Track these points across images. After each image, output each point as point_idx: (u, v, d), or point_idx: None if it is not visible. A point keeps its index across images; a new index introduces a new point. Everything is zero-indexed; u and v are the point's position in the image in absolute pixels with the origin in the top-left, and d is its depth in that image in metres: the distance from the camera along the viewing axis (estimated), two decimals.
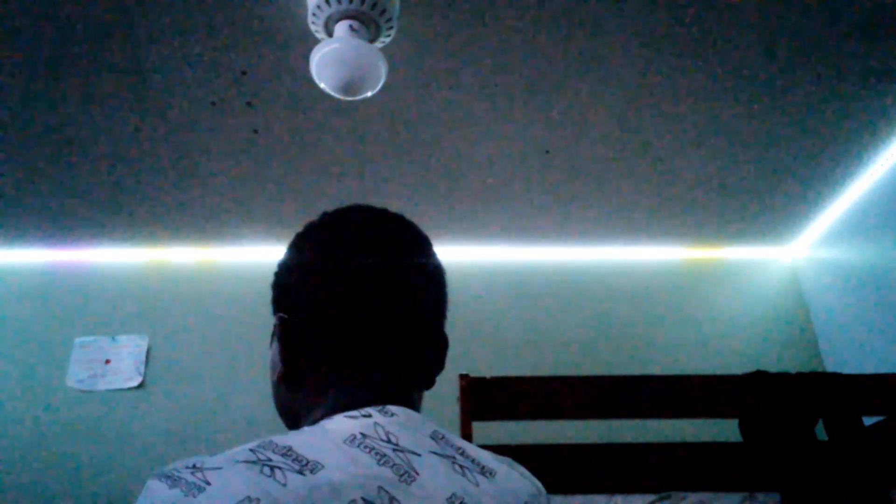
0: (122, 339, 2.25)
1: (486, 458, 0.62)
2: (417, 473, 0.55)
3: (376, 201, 2.42)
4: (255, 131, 1.76)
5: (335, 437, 0.55)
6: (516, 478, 0.62)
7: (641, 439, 1.66)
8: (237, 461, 0.52)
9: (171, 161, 1.87)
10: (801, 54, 1.53)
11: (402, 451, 0.56)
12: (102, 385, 2.16)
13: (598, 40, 1.49)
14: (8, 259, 2.37)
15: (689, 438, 1.66)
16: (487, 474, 0.60)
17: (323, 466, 0.51)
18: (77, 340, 2.24)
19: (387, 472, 0.53)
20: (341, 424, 0.57)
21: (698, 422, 1.92)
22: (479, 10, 1.40)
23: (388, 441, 0.56)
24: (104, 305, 2.32)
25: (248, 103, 1.66)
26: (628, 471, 1.41)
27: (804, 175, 1.99)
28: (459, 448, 0.61)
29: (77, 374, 2.18)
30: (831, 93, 1.66)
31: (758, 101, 1.69)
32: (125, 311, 2.31)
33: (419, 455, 0.56)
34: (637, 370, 2.17)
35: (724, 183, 2.03)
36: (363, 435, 0.55)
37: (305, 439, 0.55)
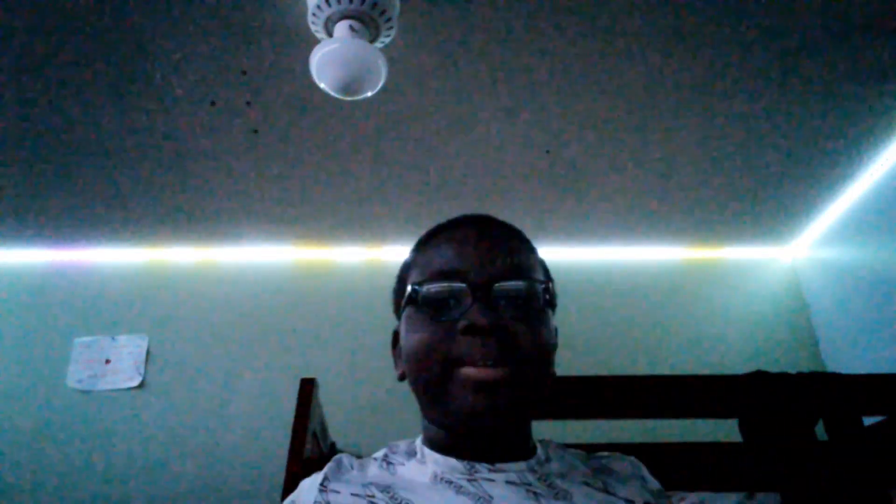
0: (122, 339, 2.25)
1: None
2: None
3: (376, 201, 2.41)
4: (255, 131, 1.76)
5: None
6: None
7: (641, 439, 1.65)
8: None
9: (171, 161, 1.87)
10: (801, 54, 1.53)
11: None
12: (102, 385, 2.16)
13: (598, 41, 1.49)
14: (8, 259, 2.37)
15: (689, 438, 1.66)
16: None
17: None
18: (77, 340, 2.24)
19: None
20: None
21: (698, 422, 1.92)
22: (479, 11, 1.40)
23: None
24: (104, 305, 2.32)
25: (248, 103, 1.66)
26: None
27: (804, 175, 1.99)
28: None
29: (77, 374, 2.18)
30: (831, 93, 1.66)
31: (758, 101, 1.69)
32: (125, 311, 2.31)
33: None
34: (637, 370, 2.17)
35: (724, 183, 2.03)
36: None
37: None
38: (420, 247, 0.75)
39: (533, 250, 0.77)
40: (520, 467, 0.66)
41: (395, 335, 0.77)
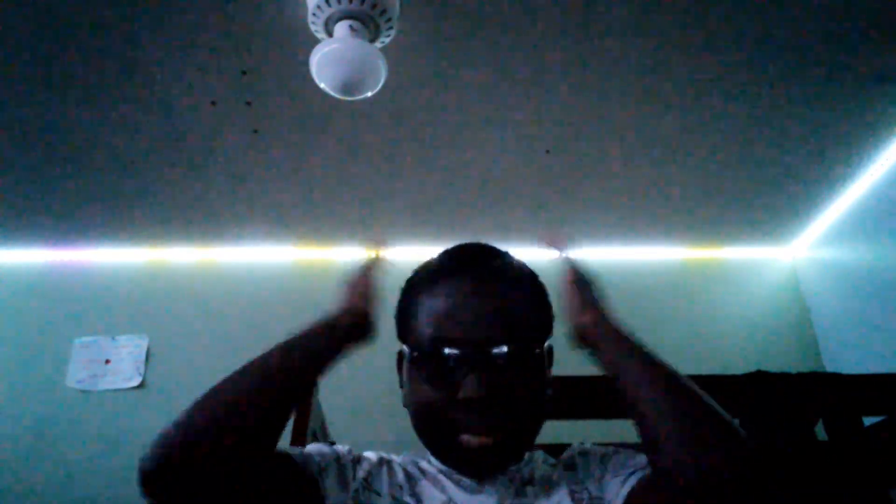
0: (122, 339, 2.25)
1: None
2: None
3: (376, 201, 2.41)
4: (255, 131, 1.76)
5: None
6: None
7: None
8: None
9: (171, 161, 1.87)
10: (801, 54, 1.53)
11: None
12: (102, 385, 2.16)
13: (599, 40, 1.49)
14: (8, 259, 2.37)
15: None
16: None
17: None
18: (77, 340, 2.24)
19: None
20: None
21: None
22: (479, 10, 1.40)
23: None
24: (104, 305, 2.32)
25: (248, 103, 1.66)
26: None
27: (804, 175, 1.99)
28: None
29: (77, 374, 2.18)
30: (831, 93, 1.66)
31: (758, 101, 1.69)
32: (125, 311, 2.31)
33: None
34: None
35: (724, 183, 2.03)
36: None
37: None
38: (421, 288, 0.78)
39: (532, 291, 0.80)
40: (503, 480, 0.73)
41: (400, 356, 0.81)
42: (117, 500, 1.99)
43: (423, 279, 0.80)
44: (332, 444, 0.81)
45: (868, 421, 1.35)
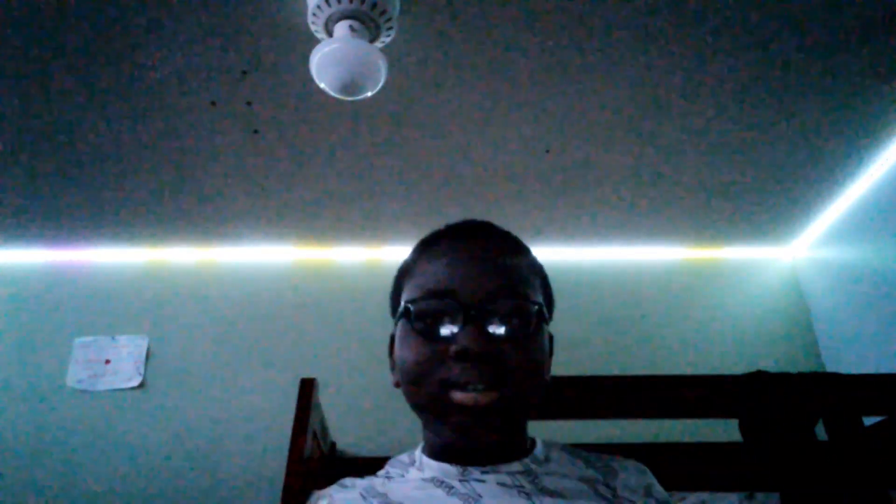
0: (122, 339, 2.25)
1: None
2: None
3: (376, 201, 2.41)
4: (256, 131, 1.76)
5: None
6: None
7: (641, 439, 1.66)
8: None
9: (171, 161, 1.87)
10: (800, 54, 1.53)
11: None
12: (102, 385, 2.16)
13: (598, 40, 1.49)
14: (8, 259, 2.37)
15: (689, 438, 1.66)
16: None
17: None
18: (77, 340, 2.24)
19: None
20: None
21: (698, 422, 1.92)
22: (479, 10, 1.40)
23: None
24: (104, 305, 2.32)
25: (248, 103, 1.66)
26: None
27: (804, 175, 1.99)
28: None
29: (77, 374, 2.18)
30: (831, 93, 1.66)
31: (758, 101, 1.69)
32: (125, 311, 2.31)
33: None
34: (637, 370, 2.17)
35: (724, 183, 2.03)
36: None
37: None
38: (417, 256, 0.74)
39: (531, 263, 0.75)
40: (512, 468, 0.68)
41: (393, 339, 0.76)
42: (117, 500, 1.99)
43: (422, 246, 0.76)
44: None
45: (868, 421, 1.35)
